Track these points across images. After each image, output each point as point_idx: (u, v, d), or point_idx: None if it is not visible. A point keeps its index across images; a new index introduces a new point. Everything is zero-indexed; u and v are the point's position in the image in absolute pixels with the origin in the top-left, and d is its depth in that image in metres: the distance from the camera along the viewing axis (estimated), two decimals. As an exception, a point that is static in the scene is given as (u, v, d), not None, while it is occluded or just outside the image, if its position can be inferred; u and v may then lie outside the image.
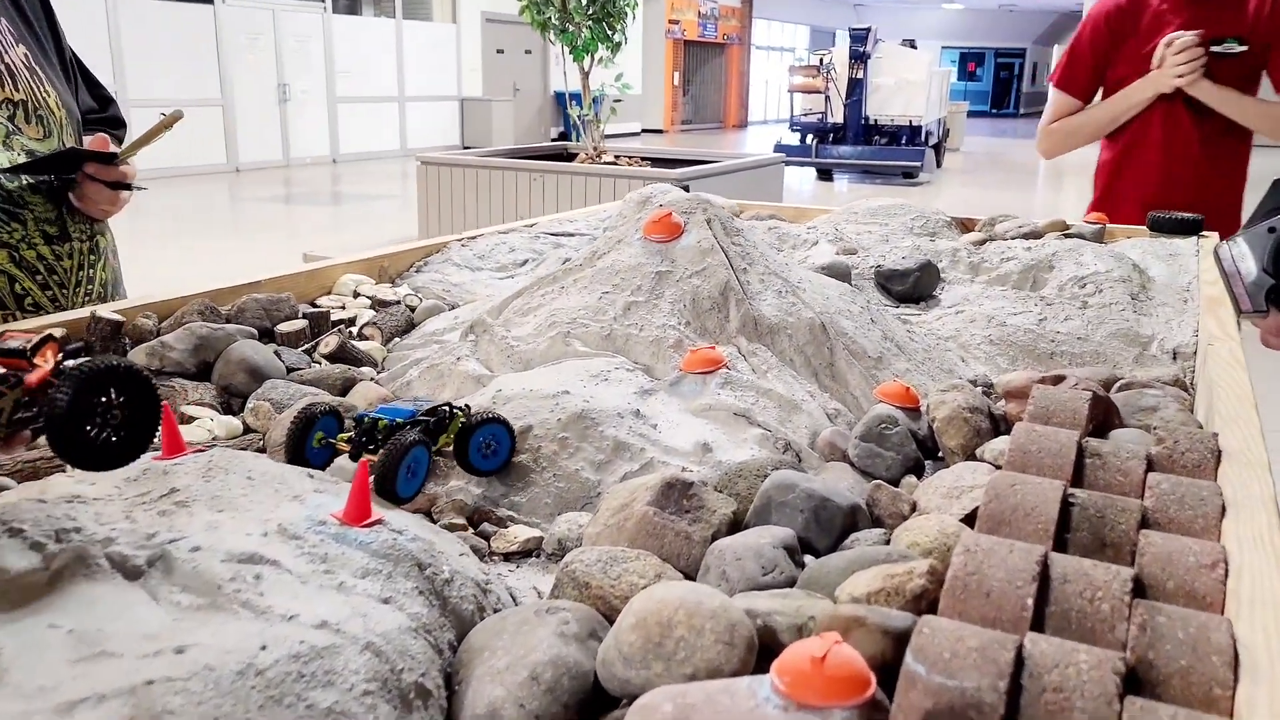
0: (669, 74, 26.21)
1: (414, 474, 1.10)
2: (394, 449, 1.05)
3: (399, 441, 1.06)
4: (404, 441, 1.06)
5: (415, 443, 1.08)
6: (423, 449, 1.09)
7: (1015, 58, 44.08)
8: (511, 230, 2.51)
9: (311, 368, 1.59)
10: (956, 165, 18.70)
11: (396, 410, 1.16)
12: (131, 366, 0.82)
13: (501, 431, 1.22)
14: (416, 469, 1.10)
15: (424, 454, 1.10)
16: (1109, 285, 1.90)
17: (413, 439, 1.07)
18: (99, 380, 0.79)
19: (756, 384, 1.39)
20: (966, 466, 1.16)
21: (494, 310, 1.65)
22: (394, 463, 1.05)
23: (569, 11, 6.57)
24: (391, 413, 1.16)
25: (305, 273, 1.94)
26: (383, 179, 15.08)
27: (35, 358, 0.80)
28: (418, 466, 1.10)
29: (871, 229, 2.60)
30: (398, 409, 1.16)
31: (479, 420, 1.19)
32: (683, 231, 1.58)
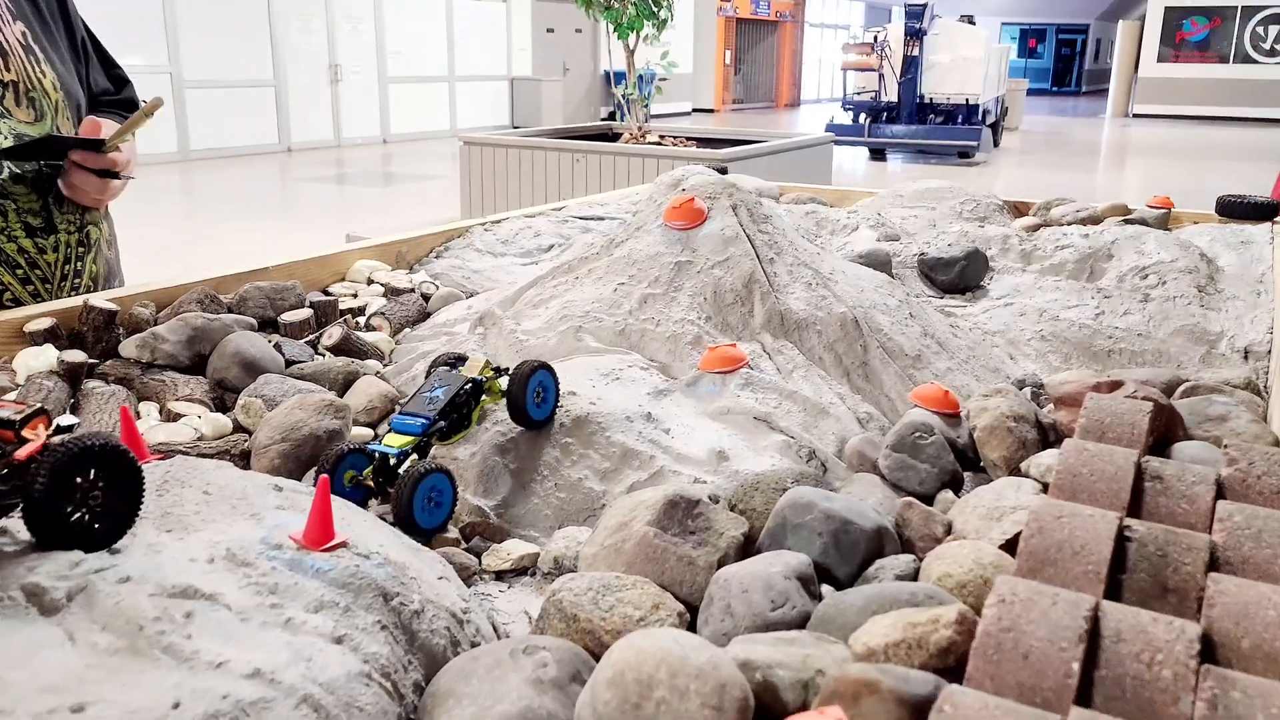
0: (720, 52, 25.89)
1: (437, 503, 1.04)
2: (404, 486, 1.00)
3: (410, 475, 1.01)
4: (415, 474, 1.01)
5: (428, 473, 1.02)
6: (441, 476, 1.03)
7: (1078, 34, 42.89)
8: (539, 214, 2.41)
9: (314, 360, 1.51)
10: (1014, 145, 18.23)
11: (408, 425, 1.09)
12: (113, 444, 0.75)
13: (548, 377, 1.16)
14: (439, 497, 1.04)
15: (443, 480, 1.04)
16: (1173, 276, 1.75)
17: (425, 469, 1.01)
18: (78, 461, 0.72)
19: (780, 385, 1.28)
20: (1009, 483, 1.04)
21: (506, 301, 1.55)
22: (407, 500, 1.00)
23: (614, -12, 6.43)
24: (404, 427, 1.09)
25: (317, 259, 1.86)
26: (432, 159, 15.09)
27: (25, 429, 0.74)
28: (440, 495, 1.04)
29: (918, 213, 2.47)
30: (409, 423, 1.09)
31: (526, 372, 1.14)
32: (705, 218, 1.47)
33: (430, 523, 1.03)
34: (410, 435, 1.09)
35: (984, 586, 0.86)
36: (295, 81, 16.15)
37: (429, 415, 1.10)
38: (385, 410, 1.40)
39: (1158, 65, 25.74)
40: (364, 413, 1.38)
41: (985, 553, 0.89)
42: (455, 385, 1.14)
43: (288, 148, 16.06)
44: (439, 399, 1.13)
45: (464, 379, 1.15)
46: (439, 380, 1.16)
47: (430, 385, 1.15)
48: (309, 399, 1.24)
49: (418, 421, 1.10)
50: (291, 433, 1.19)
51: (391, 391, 1.42)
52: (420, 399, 1.13)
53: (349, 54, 17.09)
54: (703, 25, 24.73)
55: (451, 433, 1.14)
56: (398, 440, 1.09)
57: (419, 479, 1.01)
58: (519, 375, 1.13)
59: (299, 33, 16.16)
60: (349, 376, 1.46)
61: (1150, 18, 25.68)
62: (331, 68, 16.81)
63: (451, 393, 1.13)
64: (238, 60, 15.21)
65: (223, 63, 14.97)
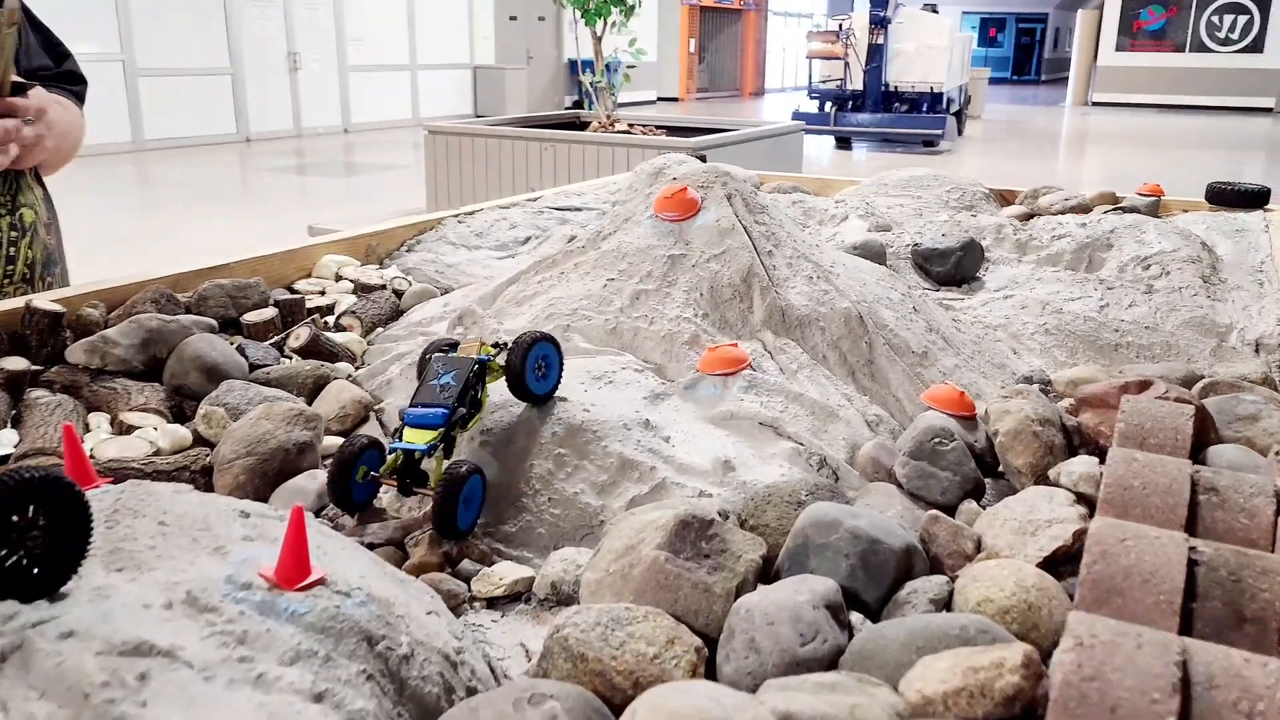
0: (684, 41, 25.76)
1: (470, 504, 1.00)
2: (449, 490, 0.97)
3: (452, 478, 0.97)
4: (457, 476, 0.97)
5: (468, 474, 0.98)
6: (478, 478, 1.01)
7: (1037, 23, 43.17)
8: (513, 204, 2.31)
9: (280, 364, 1.41)
10: (978, 133, 18.29)
11: (426, 418, 1.03)
12: (54, 477, 0.64)
13: (550, 350, 1.11)
14: (472, 498, 1.01)
15: (478, 482, 1.01)
16: (1176, 266, 1.69)
17: (465, 470, 0.98)
18: (13, 497, 0.62)
19: (785, 387, 1.19)
20: (1040, 494, 0.97)
21: (486, 298, 1.46)
22: (450, 505, 0.97)
23: (580, -26, 6.31)
24: (422, 420, 1.02)
25: (281, 254, 1.75)
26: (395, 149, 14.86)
27: None
28: (473, 496, 1.01)
29: (903, 202, 2.40)
30: (424, 414, 1.03)
31: (527, 343, 1.08)
32: (699, 208, 1.39)
33: (465, 523, 1.00)
34: (433, 429, 1.02)
35: (1029, 612, 0.78)
36: (253, 69, 15.83)
37: (447, 404, 1.03)
38: (359, 418, 1.30)
39: (1116, 54, 25.97)
40: (336, 421, 1.29)
41: (1026, 574, 0.81)
42: (465, 369, 1.07)
43: (246, 137, 15.76)
44: (451, 385, 1.05)
45: (471, 361, 1.08)
46: (443, 366, 1.08)
47: (436, 373, 1.08)
48: (276, 408, 1.14)
49: (437, 412, 1.02)
50: (258, 446, 1.09)
51: (365, 397, 1.32)
52: (429, 388, 1.06)
53: (308, 41, 16.78)
54: (667, 13, 24.59)
55: (469, 421, 1.08)
56: (421, 436, 1.01)
57: (461, 482, 0.98)
58: (519, 347, 1.08)
59: (256, 19, 15.84)
60: (319, 381, 1.36)
61: (1108, 7, 25.90)
62: (290, 55, 16.50)
63: (464, 377, 1.06)
64: (192, 48, 14.87)
65: (177, 50, 14.62)
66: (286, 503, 1.07)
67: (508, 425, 1.10)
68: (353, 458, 1.01)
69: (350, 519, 1.08)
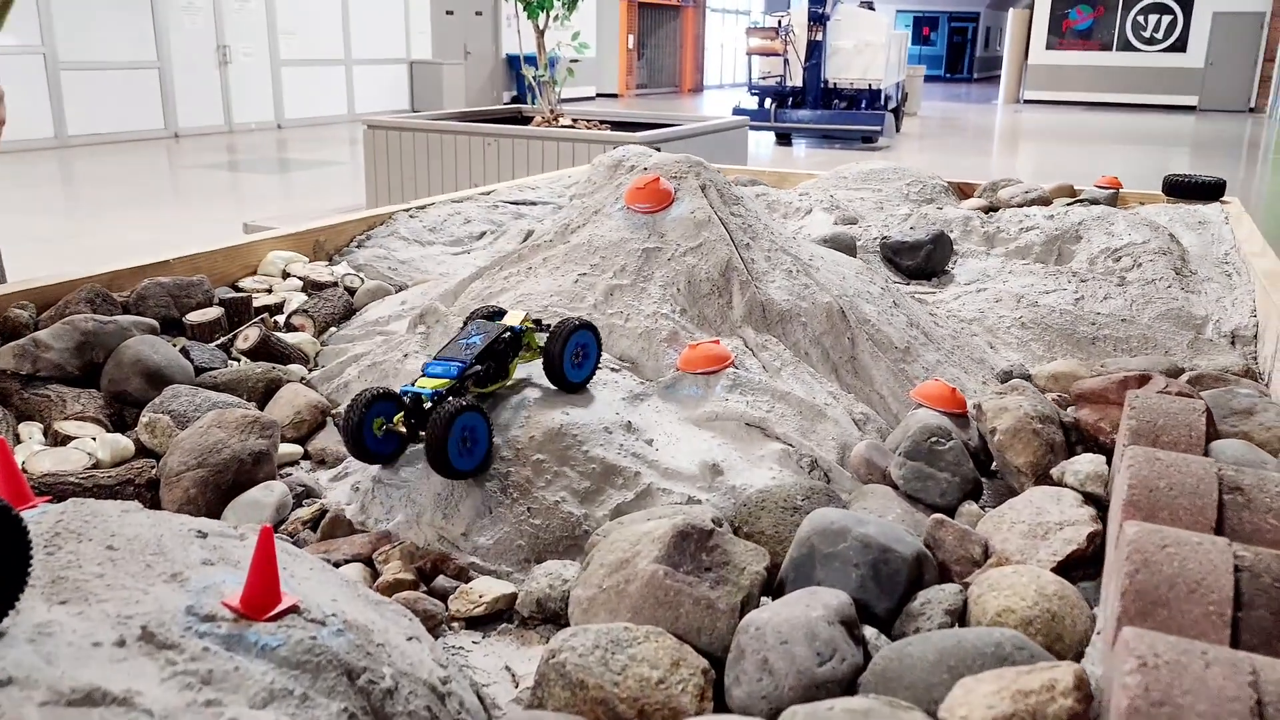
0: (623, 37, 25.68)
1: (473, 441, 0.97)
2: (437, 424, 0.92)
3: (441, 414, 0.93)
4: (446, 413, 0.93)
5: (461, 410, 0.94)
6: (474, 414, 0.96)
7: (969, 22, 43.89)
8: (466, 198, 2.23)
9: (228, 366, 1.32)
10: (915, 130, 18.50)
11: (442, 369, 1.02)
12: None
13: (590, 338, 1.09)
14: (474, 435, 0.97)
15: (476, 418, 0.97)
16: (1148, 258, 1.68)
17: (455, 407, 0.94)
18: None
19: (770, 385, 1.14)
20: (1047, 495, 0.93)
21: (448, 295, 1.38)
22: (440, 439, 0.92)
23: (522, -34, 6.20)
24: (438, 370, 1.02)
25: (225, 250, 1.65)
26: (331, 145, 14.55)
27: None
28: (475, 433, 0.97)
29: (864, 195, 2.36)
30: (444, 365, 1.02)
31: (568, 329, 1.06)
32: (673, 200, 1.33)
33: (467, 465, 0.97)
34: (445, 379, 1.01)
35: (1052, 623, 0.74)
36: (181, 63, 15.40)
37: (465, 359, 1.03)
38: (315, 423, 1.22)
39: (1046, 53, 26.52)
40: (290, 427, 1.20)
41: (1046, 582, 0.77)
42: (493, 333, 1.07)
43: (174, 133, 15.32)
44: (476, 345, 1.06)
45: (502, 327, 1.09)
46: (476, 329, 1.09)
47: (467, 333, 1.08)
48: (228, 415, 1.06)
49: (452, 365, 1.03)
50: (209, 456, 1.01)
51: (321, 401, 1.24)
52: (456, 345, 1.06)
53: (238, 35, 16.37)
54: (605, 9, 24.50)
55: (488, 382, 1.07)
56: (431, 383, 1.01)
57: (451, 418, 0.93)
58: (560, 332, 1.06)
59: (184, 11, 15.41)
60: (270, 384, 1.27)
61: (1038, 6, 26.43)
62: (220, 49, 16.09)
63: (489, 339, 1.06)
64: (117, 40, 14.41)
65: (101, 43, 14.16)
66: (242, 517, 0.99)
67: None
68: (364, 410, 0.98)
69: (313, 532, 1.00)
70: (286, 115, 17.24)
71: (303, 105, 17.51)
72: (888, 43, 15.63)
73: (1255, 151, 16.56)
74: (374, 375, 1.27)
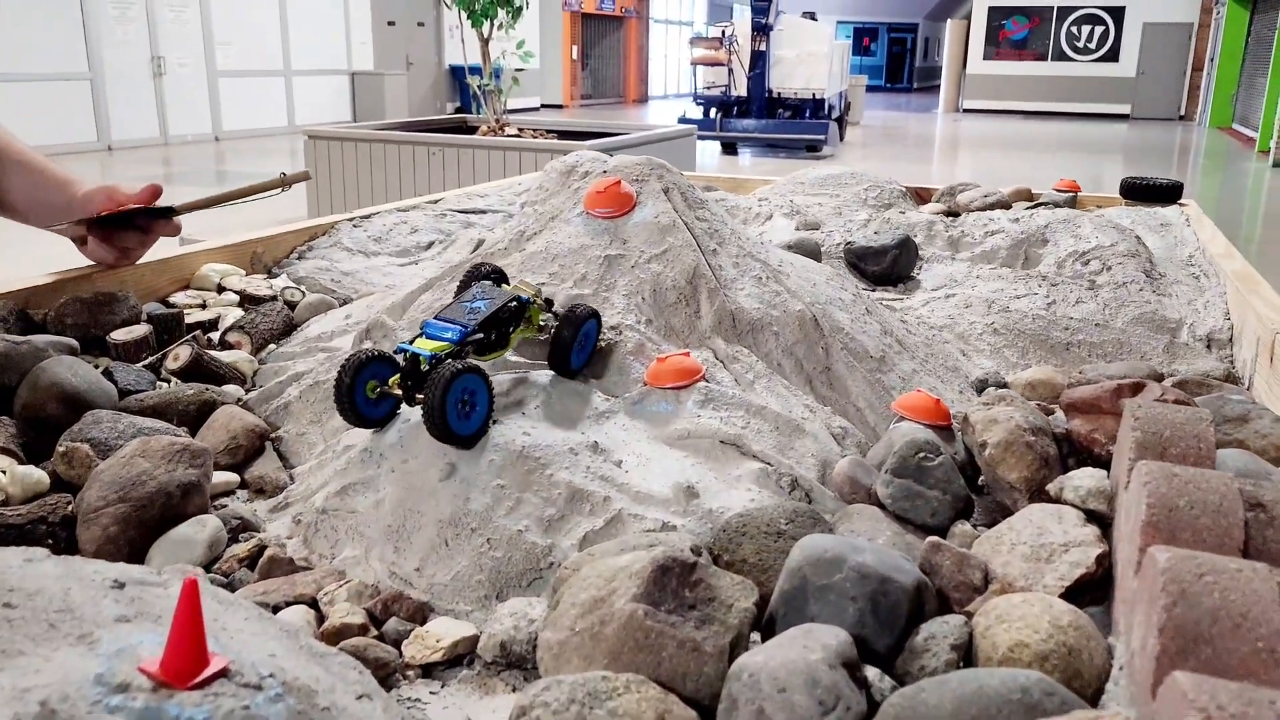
0: (567, 48, 25.64)
1: (472, 405, 0.93)
2: (434, 386, 0.89)
3: (439, 376, 0.89)
4: (444, 375, 0.89)
5: (459, 372, 0.90)
6: (473, 376, 0.92)
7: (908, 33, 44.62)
8: (413, 207, 2.14)
9: (157, 389, 1.22)
10: (858, 139, 18.70)
11: (442, 329, 0.98)
12: None
13: (595, 329, 1.09)
14: (474, 399, 0.93)
15: (476, 380, 0.93)
16: (1117, 261, 1.64)
17: (454, 369, 0.90)
18: None
19: (745, 399, 1.07)
20: (1047, 513, 0.87)
21: (395, 308, 1.29)
22: (439, 404, 0.88)
23: (466, -27, 6.11)
24: (438, 331, 0.98)
25: (154, 262, 1.54)
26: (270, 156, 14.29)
27: None
28: (475, 396, 0.93)
29: (822, 200, 2.31)
30: (443, 327, 0.99)
31: (583, 315, 1.06)
32: (635, 204, 1.26)
33: (466, 429, 0.93)
34: (444, 342, 0.97)
35: (1069, 658, 0.68)
36: (114, 74, 15.03)
37: (467, 324, 0.99)
38: (252, 449, 1.12)
39: (984, 63, 27.02)
40: (225, 454, 1.11)
41: (1059, 612, 0.71)
42: (500, 300, 1.04)
43: (108, 145, 14.94)
44: (481, 310, 1.02)
45: (510, 294, 1.05)
46: (481, 292, 1.06)
47: (472, 295, 1.05)
48: (154, 443, 0.96)
49: (454, 329, 0.98)
50: (132, 489, 0.91)
51: (259, 424, 1.15)
52: (459, 307, 1.03)
53: (173, 45, 16.03)
54: (548, 20, 24.45)
55: (487, 350, 1.04)
56: (429, 345, 0.97)
57: (450, 379, 0.89)
58: (574, 318, 1.05)
59: (115, 21, 15.04)
60: (203, 407, 1.17)
61: (975, 17, 26.93)
62: (154, 60, 15.74)
63: (495, 307, 1.03)
64: (46, 51, 14.02)
65: (29, 53, 13.77)
66: (170, 557, 0.89)
67: (432, 454, 0.95)
68: (357, 371, 0.94)
69: (251, 571, 0.91)
70: (224, 127, 16.92)
71: (241, 117, 17.20)
72: (830, 52, 15.78)
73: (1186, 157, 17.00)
74: (316, 395, 1.18)
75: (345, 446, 1.03)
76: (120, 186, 1.45)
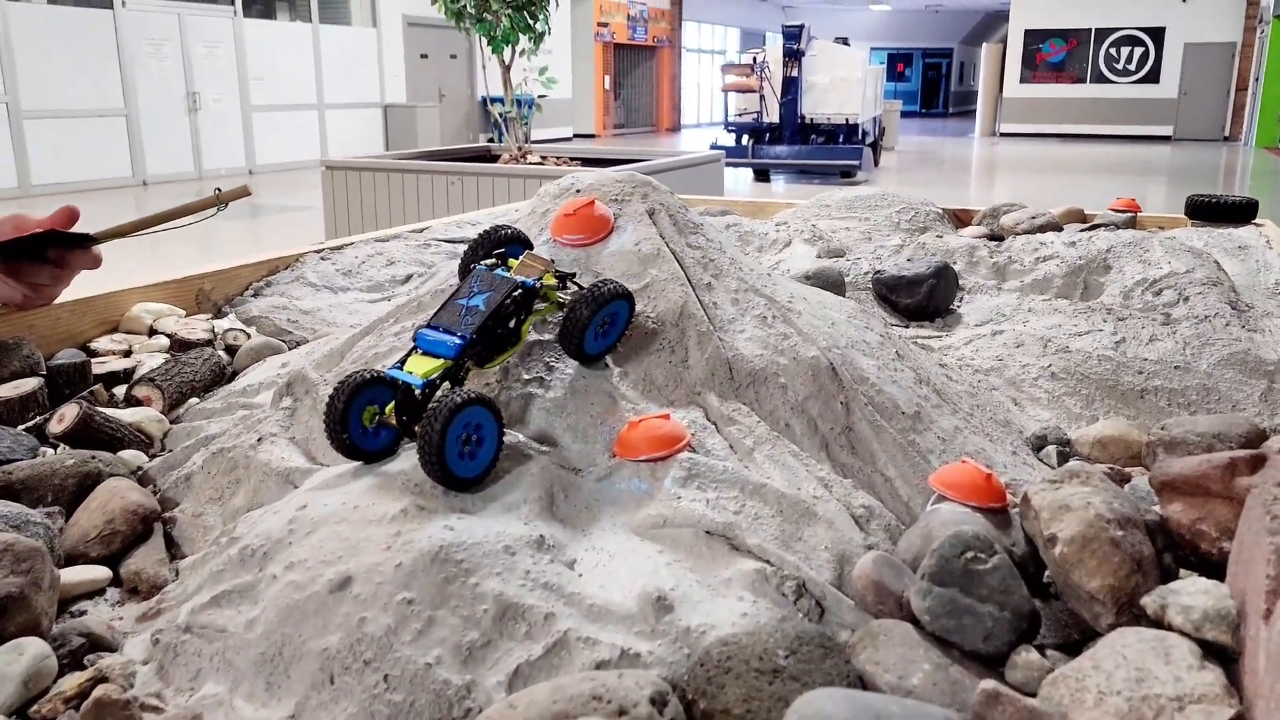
0: (599, 78, 25.64)
1: (478, 442, 0.80)
2: (432, 422, 0.76)
3: (438, 410, 0.77)
4: (443, 409, 0.77)
5: (462, 405, 0.78)
6: (479, 408, 0.79)
7: (943, 58, 44.29)
8: (393, 237, 1.94)
9: (41, 456, 1.01)
10: (893, 164, 18.42)
11: (436, 341, 0.85)
12: None
13: (625, 310, 0.93)
14: (481, 435, 0.80)
15: (483, 413, 0.80)
16: (1196, 291, 1.39)
17: (456, 402, 0.77)
18: None
19: (740, 474, 0.84)
20: (1145, 644, 0.63)
21: (328, 358, 1.08)
22: (438, 443, 0.76)
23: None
24: (432, 344, 0.85)
25: (75, 302, 1.35)
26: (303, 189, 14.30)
27: None
28: (481, 430, 0.80)
29: (849, 225, 2.08)
30: (437, 339, 0.85)
31: (607, 295, 0.90)
32: (612, 228, 1.04)
33: (469, 471, 0.80)
34: (440, 358, 0.85)
35: None
36: (149, 110, 15.19)
37: (464, 333, 0.86)
38: (132, 534, 0.91)
39: (1020, 86, 26.67)
40: (98, 541, 0.90)
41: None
42: (501, 292, 0.89)
43: (143, 180, 15.07)
44: (479, 310, 0.87)
45: (511, 284, 0.89)
46: (478, 283, 0.90)
47: (468, 289, 0.90)
48: (-29, 541, 0.75)
49: (450, 341, 0.85)
50: (-71, 606, 0.70)
51: (145, 503, 0.93)
52: (454, 308, 0.89)
53: (208, 81, 16.20)
54: (581, 50, 24.50)
55: (493, 355, 0.89)
56: (423, 366, 0.84)
57: (450, 414, 0.77)
58: (595, 296, 0.90)
59: (151, 58, 15.22)
60: (85, 480, 0.96)
61: (1012, 40, 26.61)
62: (189, 95, 15.90)
63: (495, 302, 0.88)
64: (84, 88, 14.19)
65: (66, 91, 13.94)
66: (-30, 698, 0.68)
67: (331, 559, 0.73)
68: (353, 397, 0.82)
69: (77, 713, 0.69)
70: (258, 160, 17.04)
71: (275, 150, 17.32)
72: (864, 77, 15.56)
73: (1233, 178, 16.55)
74: (219, 466, 0.97)
75: (231, 539, 0.81)
76: (29, 214, 1.25)
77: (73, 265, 1.29)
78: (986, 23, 38.69)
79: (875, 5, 36.44)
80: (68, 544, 0.90)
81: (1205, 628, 0.63)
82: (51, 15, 13.68)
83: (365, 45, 19.06)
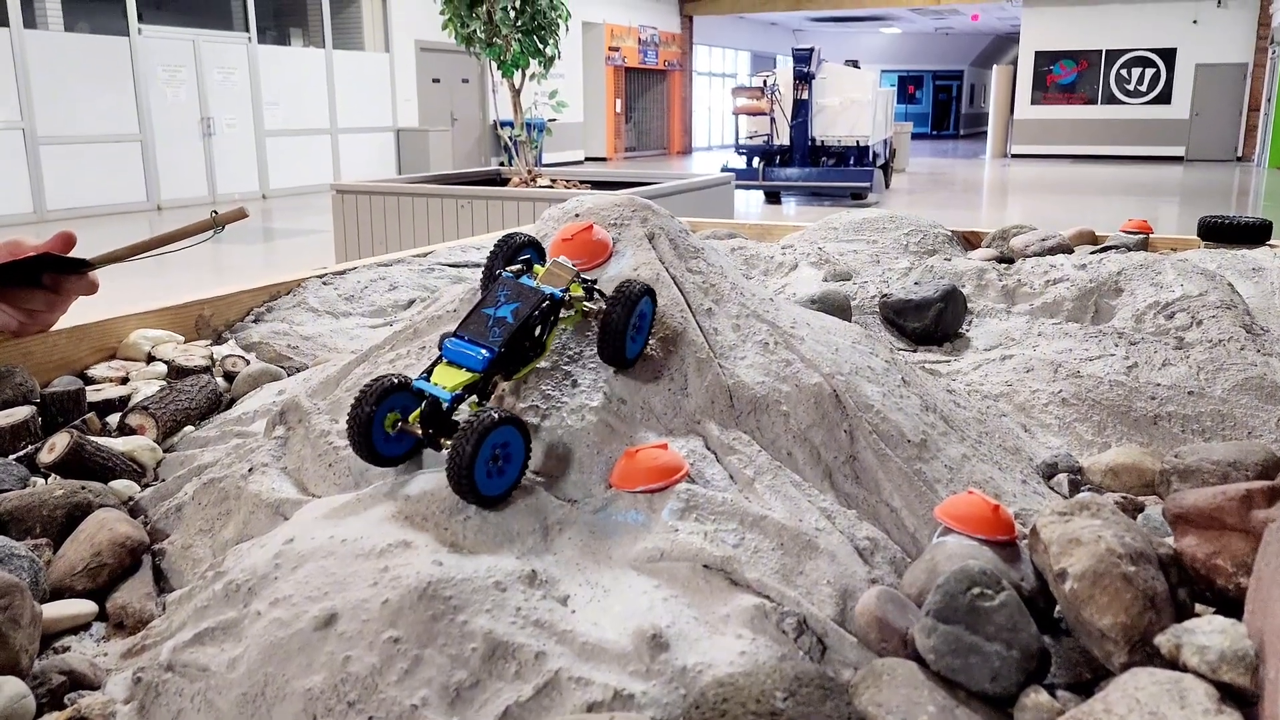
0: (610, 101, 25.77)
1: (506, 459, 0.80)
2: (465, 439, 0.76)
3: (472, 427, 0.76)
4: (478, 427, 0.76)
5: (496, 423, 0.77)
6: (510, 428, 0.79)
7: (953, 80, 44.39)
8: (397, 261, 1.93)
9: (30, 487, 0.99)
10: (904, 185, 18.41)
11: (463, 353, 0.84)
12: None
13: (650, 307, 0.93)
14: (509, 453, 0.80)
15: (513, 433, 0.80)
16: (1209, 314, 1.37)
17: (491, 420, 0.77)
18: None
19: (739, 506, 0.82)
20: (1159, 686, 0.60)
21: (322, 387, 1.06)
22: (467, 459, 0.76)
23: (495, 23, 6.00)
24: (459, 355, 0.84)
25: (72, 329, 1.34)
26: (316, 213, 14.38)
27: None
28: (509, 449, 0.80)
29: (857, 247, 2.06)
30: (465, 350, 0.84)
31: (635, 294, 0.89)
32: (610, 253, 1.02)
33: (495, 489, 0.80)
34: (468, 370, 0.84)
35: None
36: (164, 135, 15.32)
37: (493, 346, 0.85)
38: (120, 567, 0.89)
39: (1031, 108, 26.68)
40: (85, 575, 0.88)
41: None
42: (531, 304, 0.88)
43: (157, 205, 15.18)
44: (507, 321, 0.86)
45: (539, 296, 0.88)
46: (505, 291, 0.89)
47: (495, 298, 0.89)
48: (-50, 576, 0.73)
49: (479, 353, 0.84)
50: (-96, 644, 0.68)
51: (134, 535, 0.91)
52: (480, 317, 0.88)
53: (222, 106, 16.34)
54: (592, 74, 24.64)
55: (520, 365, 0.88)
56: (451, 379, 0.83)
57: (483, 434, 0.76)
58: (625, 296, 0.89)
59: (165, 84, 15.37)
60: (74, 511, 0.95)
61: (1022, 62, 26.65)
62: (204, 120, 16.04)
63: (524, 314, 0.87)
64: (99, 114, 14.33)
65: (82, 117, 14.08)
66: (-57, 740, 0.66)
67: (317, 595, 0.71)
68: (377, 402, 0.81)
69: None
70: (271, 185, 17.16)
71: (288, 175, 17.44)
72: (874, 99, 15.59)
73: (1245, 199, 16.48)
74: (210, 497, 0.95)
75: (217, 573, 0.79)
76: (23, 240, 1.24)
77: (68, 291, 1.28)
78: (997, 45, 38.78)
79: (886, 29, 36.58)
80: (54, 577, 0.88)
81: (1222, 669, 0.60)
82: (68, 42, 13.84)
83: (378, 70, 19.22)
